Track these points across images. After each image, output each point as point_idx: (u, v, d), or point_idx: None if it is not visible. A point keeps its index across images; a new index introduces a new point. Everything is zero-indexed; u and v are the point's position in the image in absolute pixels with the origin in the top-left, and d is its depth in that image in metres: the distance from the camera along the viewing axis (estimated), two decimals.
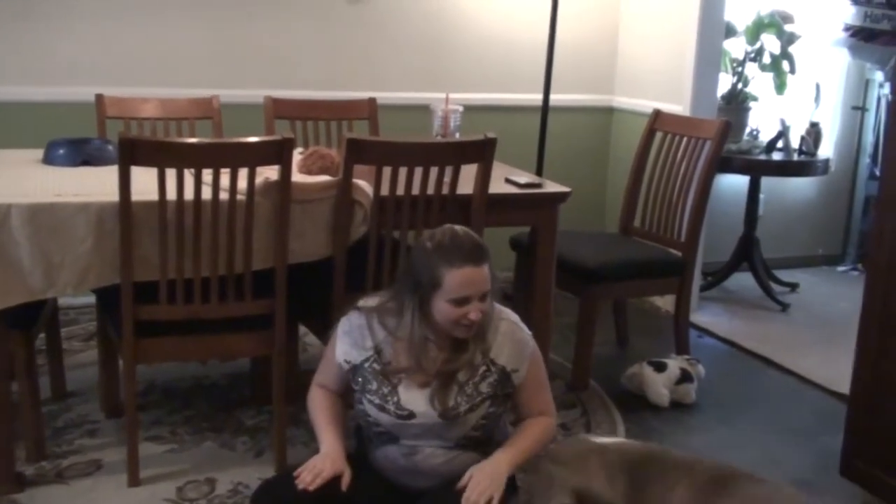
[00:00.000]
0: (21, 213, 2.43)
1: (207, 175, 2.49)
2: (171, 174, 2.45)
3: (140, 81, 3.95)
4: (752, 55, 4.77)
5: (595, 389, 3.54)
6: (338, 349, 2.21)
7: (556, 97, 4.46)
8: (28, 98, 3.86)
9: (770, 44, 4.77)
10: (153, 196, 2.45)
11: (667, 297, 4.27)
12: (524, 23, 4.58)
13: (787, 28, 4.75)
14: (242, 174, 2.52)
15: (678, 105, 4.33)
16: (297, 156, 2.93)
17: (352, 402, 2.28)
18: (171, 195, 2.46)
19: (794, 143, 4.75)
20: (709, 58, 4.34)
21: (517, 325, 2.23)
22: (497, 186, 3.03)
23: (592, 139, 4.93)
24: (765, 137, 4.81)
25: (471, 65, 4.57)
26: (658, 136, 3.86)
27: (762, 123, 4.90)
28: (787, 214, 5.39)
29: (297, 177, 2.76)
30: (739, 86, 4.78)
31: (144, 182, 2.43)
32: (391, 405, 2.13)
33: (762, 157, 4.64)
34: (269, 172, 2.62)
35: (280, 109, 3.68)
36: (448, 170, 2.80)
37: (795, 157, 4.71)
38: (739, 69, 4.77)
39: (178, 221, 2.50)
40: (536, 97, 4.43)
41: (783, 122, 4.73)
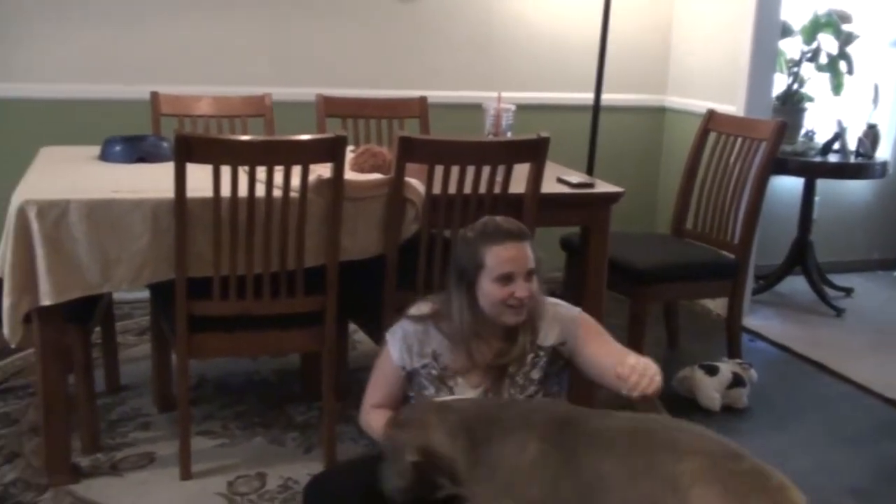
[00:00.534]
0: (79, 209, 2.47)
1: (261, 172, 2.51)
2: (226, 171, 2.47)
3: (194, 79, 4.01)
4: (809, 55, 4.69)
5: None
6: (394, 355, 2.20)
7: (608, 97, 4.42)
8: (85, 96, 3.93)
9: (827, 44, 4.68)
10: (208, 193, 2.48)
11: (718, 300, 4.21)
12: (576, 21, 4.56)
13: (845, 28, 4.66)
14: (295, 171, 2.54)
15: (732, 105, 4.27)
16: (350, 154, 2.94)
17: None
18: (226, 192, 2.48)
19: (851, 145, 4.65)
20: (764, 58, 4.28)
21: (559, 305, 2.25)
22: (549, 186, 3.01)
23: (644, 139, 4.90)
24: (821, 139, 4.72)
25: (522, 63, 4.56)
26: (712, 137, 3.81)
27: (818, 125, 4.81)
28: (843, 217, 5.28)
29: (350, 175, 2.77)
30: (795, 86, 4.70)
31: (199, 179, 2.46)
32: None
33: (818, 159, 4.54)
34: (322, 170, 2.63)
35: (331, 107, 3.69)
36: (500, 169, 2.79)
37: (852, 160, 4.61)
38: (795, 69, 4.69)
39: (232, 218, 2.52)
40: (588, 96, 4.39)
41: (840, 124, 4.64)
